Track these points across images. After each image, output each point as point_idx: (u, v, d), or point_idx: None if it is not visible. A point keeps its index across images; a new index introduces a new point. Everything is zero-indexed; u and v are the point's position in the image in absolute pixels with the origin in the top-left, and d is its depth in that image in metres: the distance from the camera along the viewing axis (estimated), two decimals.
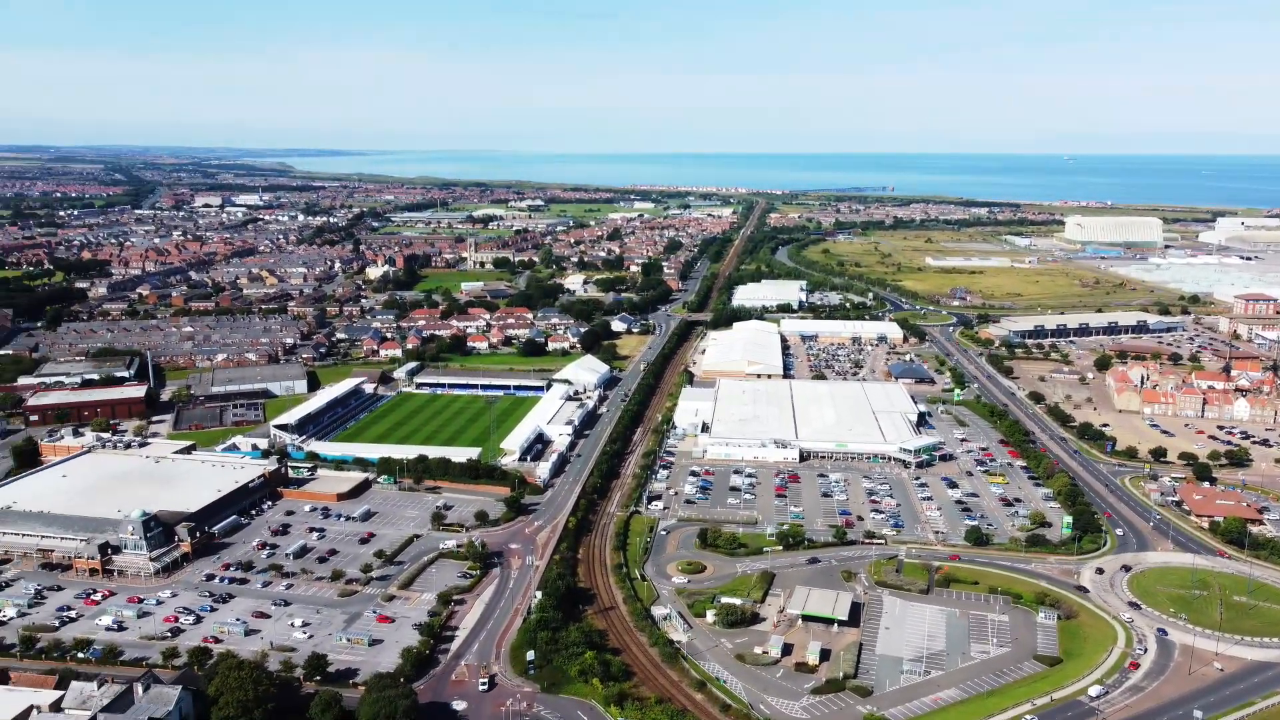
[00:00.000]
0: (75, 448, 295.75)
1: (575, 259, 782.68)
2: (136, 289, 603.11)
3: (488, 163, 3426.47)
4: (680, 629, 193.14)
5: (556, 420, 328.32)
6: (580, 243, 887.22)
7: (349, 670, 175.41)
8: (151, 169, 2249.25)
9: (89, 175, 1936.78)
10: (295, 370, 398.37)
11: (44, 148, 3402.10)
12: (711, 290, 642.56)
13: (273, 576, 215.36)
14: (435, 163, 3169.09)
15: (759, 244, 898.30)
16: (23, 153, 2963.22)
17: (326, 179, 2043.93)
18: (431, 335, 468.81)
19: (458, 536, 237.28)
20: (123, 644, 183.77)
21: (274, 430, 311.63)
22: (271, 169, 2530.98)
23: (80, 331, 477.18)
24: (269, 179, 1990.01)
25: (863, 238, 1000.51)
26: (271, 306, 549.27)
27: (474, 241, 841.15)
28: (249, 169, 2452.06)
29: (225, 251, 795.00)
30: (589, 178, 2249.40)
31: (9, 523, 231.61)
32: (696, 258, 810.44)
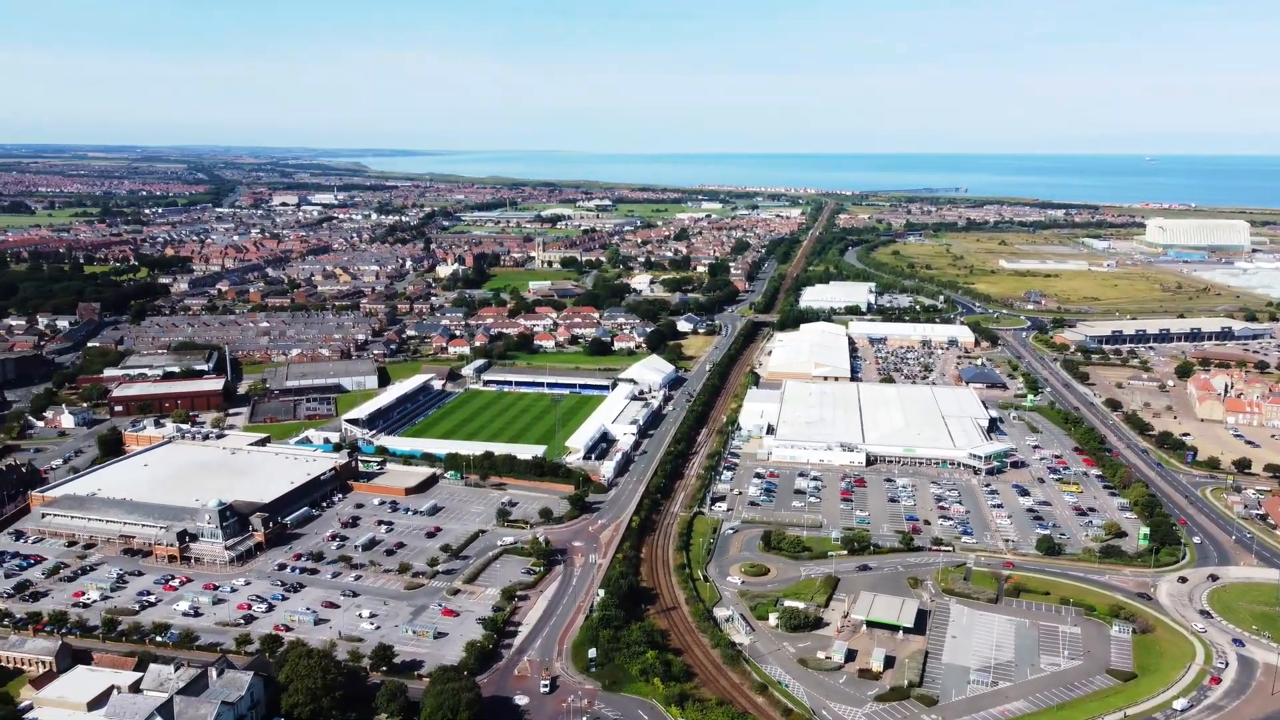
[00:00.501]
0: (156, 438, 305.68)
1: (642, 259, 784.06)
2: (216, 285, 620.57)
3: (556, 163, 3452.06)
4: (742, 631, 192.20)
5: (621, 419, 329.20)
6: (647, 243, 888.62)
7: (414, 662, 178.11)
8: (232, 168, 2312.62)
9: (173, 174, 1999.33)
10: (366, 366, 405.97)
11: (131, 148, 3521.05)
12: (779, 291, 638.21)
13: (342, 568, 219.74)
14: (504, 163, 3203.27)
15: (827, 245, 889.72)
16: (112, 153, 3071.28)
17: (399, 179, 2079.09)
18: (499, 333, 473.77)
19: (522, 533, 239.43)
20: (198, 629, 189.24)
21: (345, 424, 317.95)
22: (346, 169, 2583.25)
23: (163, 326, 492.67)
24: (344, 178, 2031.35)
25: (934, 239, 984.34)
26: (345, 303, 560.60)
27: (542, 241, 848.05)
28: (325, 169, 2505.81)
29: (301, 249, 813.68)
30: (657, 178, 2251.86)
31: (94, 509, 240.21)
32: (764, 258, 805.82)
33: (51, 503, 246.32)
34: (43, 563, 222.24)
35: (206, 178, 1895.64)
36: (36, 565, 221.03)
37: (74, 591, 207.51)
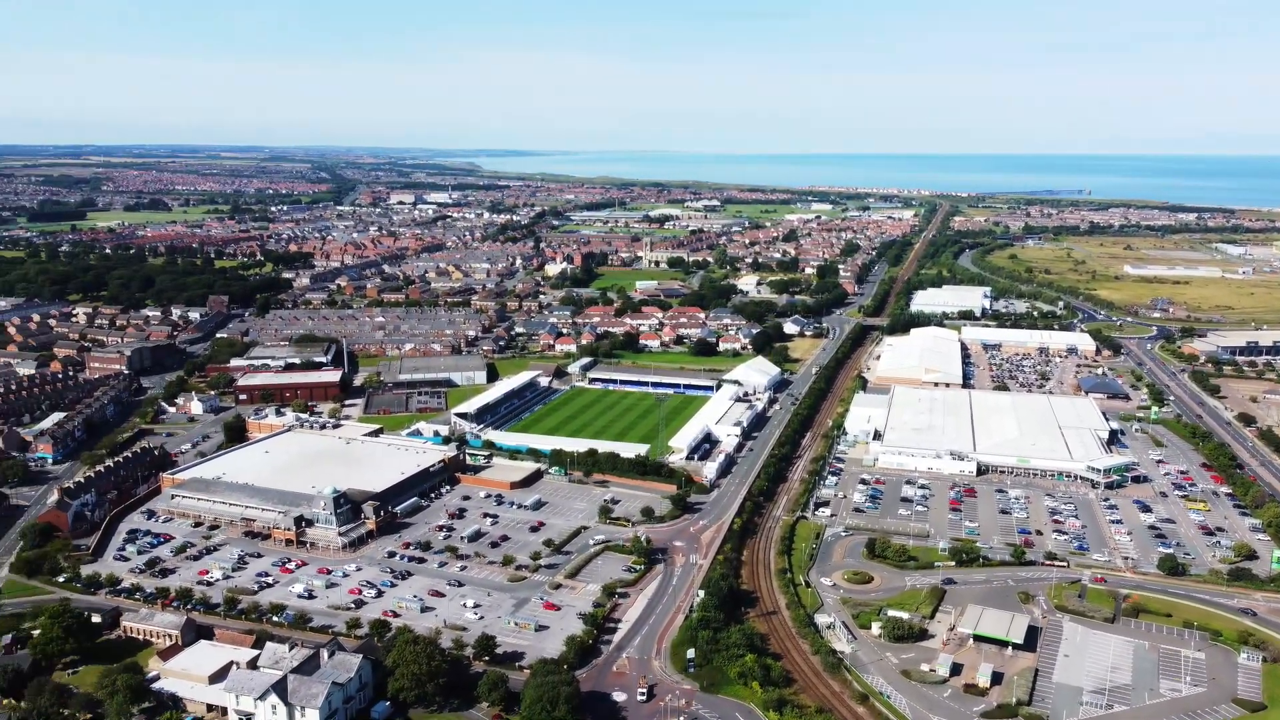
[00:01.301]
0: (277, 426, 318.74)
1: (749, 260, 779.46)
2: (336, 280, 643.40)
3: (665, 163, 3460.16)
4: (844, 639, 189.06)
5: (725, 420, 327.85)
6: (755, 244, 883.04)
7: (515, 653, 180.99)
8: (353, 168, 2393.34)
9: (298, 174, 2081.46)
10: (476, 361, 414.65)
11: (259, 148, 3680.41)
12: (889, 294, 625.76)
13: (448, 558, 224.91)
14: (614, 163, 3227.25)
15: (941, 248, 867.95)
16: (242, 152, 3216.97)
17: (511, 178, 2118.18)
18: (605, 332, 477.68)
19: (623, 531, 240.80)
20: (312, 611, 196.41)
21: (454, 418, 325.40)
22: (461, 168, 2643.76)
23: (285, 319, 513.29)
24: (458, 178, 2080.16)
25: (1054, 243, 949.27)
26: (456, 300, 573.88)
27: (649, 241, 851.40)
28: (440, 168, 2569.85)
29: (416, 247, 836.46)
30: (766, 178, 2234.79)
31: (219, 492, 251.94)
32: (874, 261, 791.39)
33: (180, 485, 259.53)
34: (171, 541, 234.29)
35: (329, 177, 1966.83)
36: (166, 543, 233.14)
37: (199, 570, 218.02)
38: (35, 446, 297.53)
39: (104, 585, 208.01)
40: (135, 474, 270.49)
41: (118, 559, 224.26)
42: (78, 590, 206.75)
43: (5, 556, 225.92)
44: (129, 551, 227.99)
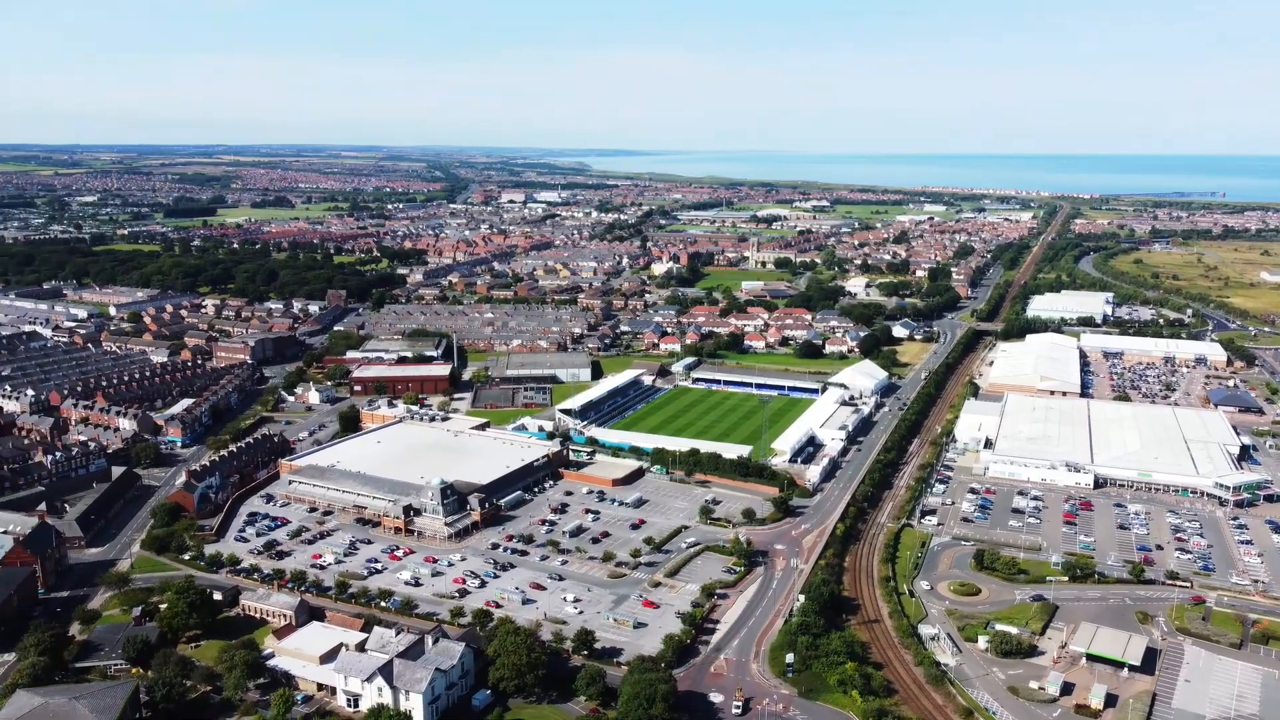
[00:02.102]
0: (389, 417, 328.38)
1: (858, 261, 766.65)
2: (448, 277, 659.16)
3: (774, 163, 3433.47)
4: (949, 651, 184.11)
5: (830, 424, 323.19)
6: (864, 245, 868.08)
7: (613, 649, 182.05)
8: (466, 167, 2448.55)
9: (413, 173, 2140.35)
10: (581, 359, 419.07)
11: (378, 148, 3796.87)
12: (1004, 299, 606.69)
13: (550, 552, 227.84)
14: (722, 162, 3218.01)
15: (1060, 251, 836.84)
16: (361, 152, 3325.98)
17: (620, 178, 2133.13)
18: (710, 332, 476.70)
19: (724, 531, 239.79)
20: (418, 598, 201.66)
21: (559, 414, 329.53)
22: (571, 168, 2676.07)
23: (399, 313, 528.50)
24: (567, 177, 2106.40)
25: (1183, 247, 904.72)
26: (563, 298, 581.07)
27: (756, 241, 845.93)
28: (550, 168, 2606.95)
29: (525, 245, 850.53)
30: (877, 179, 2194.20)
31: (333, 480, 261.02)
32: (989, 264, 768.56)
33: (297, 471, 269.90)
34: (288, 525, 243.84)
35: (443, 176, 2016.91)
36: (283, 527, 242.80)
37: (313, 554, 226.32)
38: (166, 430, 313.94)
39: (225, 564, 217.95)
40: (256, 459, 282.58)
41: (238, 540, 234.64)
42: (201, 568, 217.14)
43: (138, 533, 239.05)
44: (249, 533, 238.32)
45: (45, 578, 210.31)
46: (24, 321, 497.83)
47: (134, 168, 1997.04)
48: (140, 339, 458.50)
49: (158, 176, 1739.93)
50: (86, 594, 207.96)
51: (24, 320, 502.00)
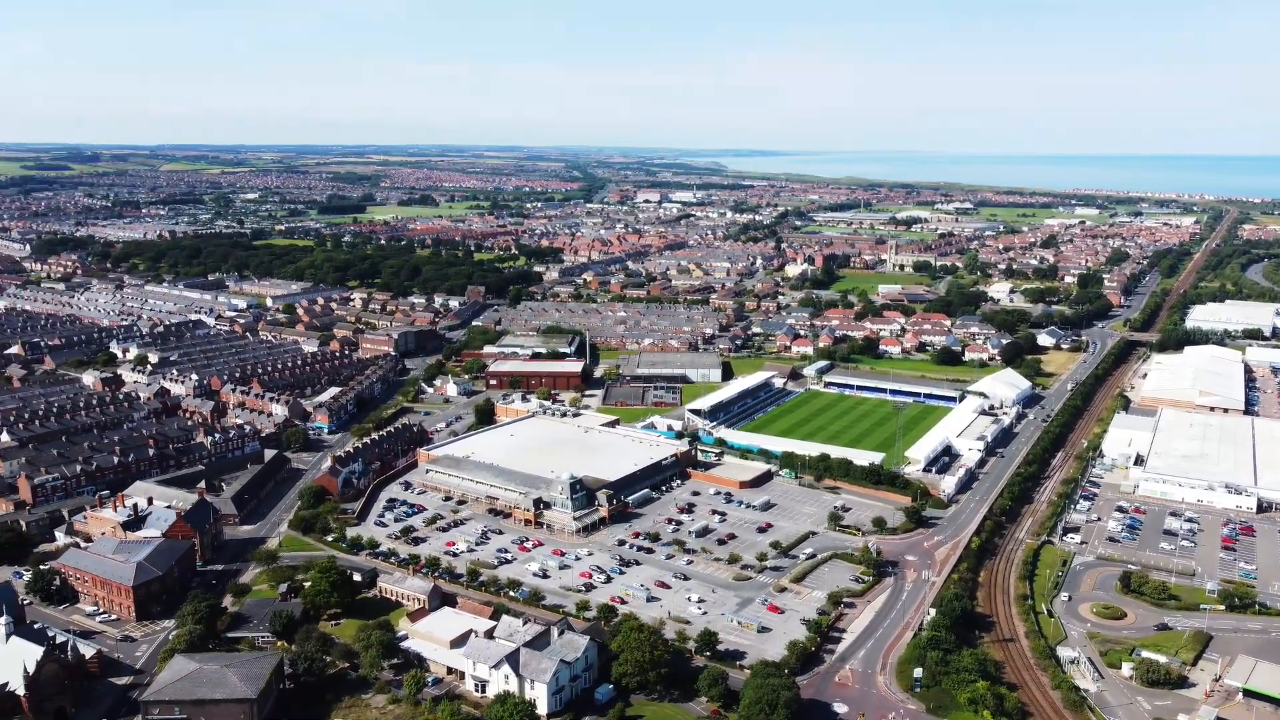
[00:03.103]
0: (522, 411, 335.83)
1: (1002, 266, 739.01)
2: (582, 275, 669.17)
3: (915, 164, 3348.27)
4: (1089, 676, 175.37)
5: (967, 434, 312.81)
6: (1009, 249, 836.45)
7: (736, 652, 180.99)
8: (603, 167, 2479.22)
9: (552, 172, 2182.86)
10: (712, 359, 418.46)
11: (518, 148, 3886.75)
12: (1160, 308, 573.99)
13: (675, 551, 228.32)
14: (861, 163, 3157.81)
15: (1225, 258, 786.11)
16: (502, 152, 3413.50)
17: (755, 178, 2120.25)
18: (844, 335, 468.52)
19: (853, 539, 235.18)
20: (545, 590, 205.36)
21: (688, 414, 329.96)
22: (706, 168, 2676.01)
23: (534, 310, 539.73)
24: (703, 177, 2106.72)
25: None
26: (696, 298, 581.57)
27: (895, 244, 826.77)
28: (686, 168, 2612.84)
29: (659, 244, 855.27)
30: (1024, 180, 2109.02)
31: (468, 470, 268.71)
32: (1145, 271, 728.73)
33: (434, 461, 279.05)
34: (424, 512, 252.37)
35: (580, 176, 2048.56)
36: (419, 514, 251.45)
37: (447, 541, 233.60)
38: (314, 417, 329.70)
39: (365, 547, 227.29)
40: (396, 448, 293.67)
41: (377, 524, 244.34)
42: (343, 550, 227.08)
43: (286, 514, 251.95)
44: (387, 519, 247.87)
45: (203, 551, 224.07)
46: (190, 311, 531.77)
47: (292, 167, 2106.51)
48: (293, 329, 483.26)
49: (313, 175, 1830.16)
50: (239, 569, 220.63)
51: (191, 309, 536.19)
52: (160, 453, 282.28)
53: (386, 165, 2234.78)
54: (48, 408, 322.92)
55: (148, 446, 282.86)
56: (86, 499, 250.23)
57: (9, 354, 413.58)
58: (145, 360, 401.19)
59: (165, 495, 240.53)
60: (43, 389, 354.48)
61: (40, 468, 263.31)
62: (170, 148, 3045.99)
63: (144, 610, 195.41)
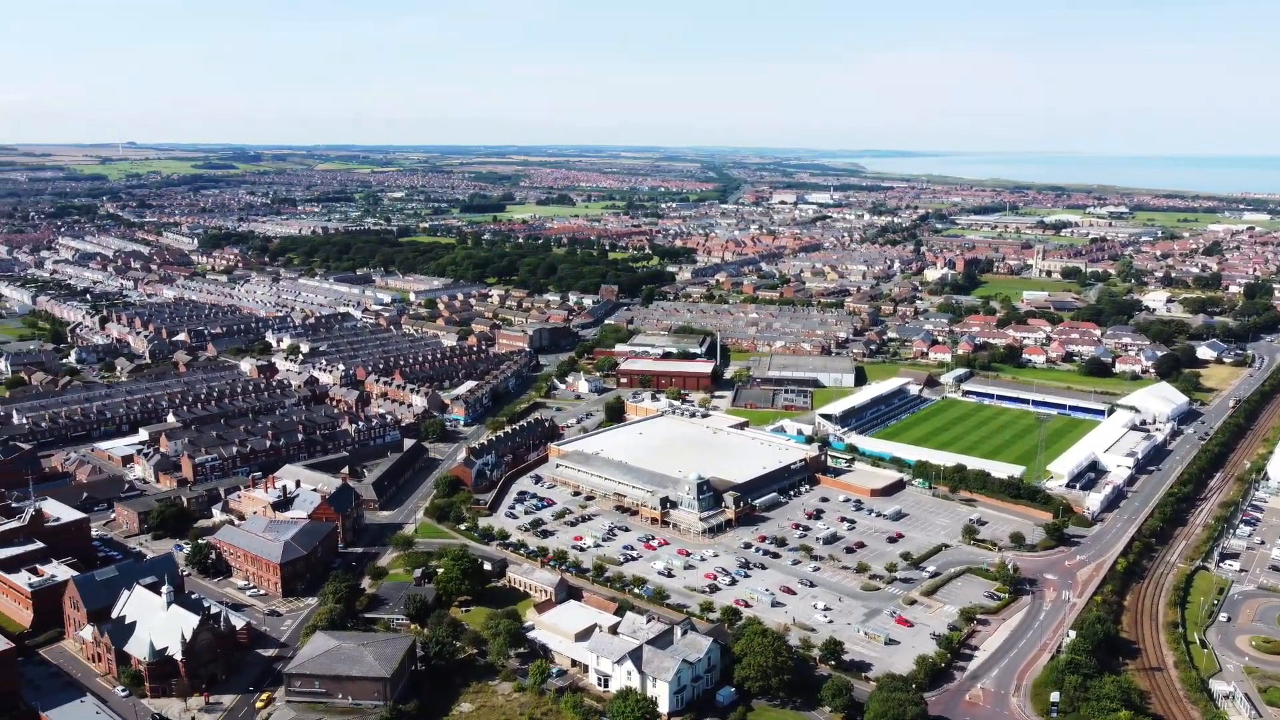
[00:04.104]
0: (652, 410, 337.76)
1: (1159, 274, 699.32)
2: (715, 275, 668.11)
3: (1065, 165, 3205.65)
4: (1245, 713, 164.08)
5: (1115, 450, 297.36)
6: (1167, 256, 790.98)
7: (862, 663, 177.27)
8: (739, 168, 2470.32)
9: (687, 173, 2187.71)
10: (845, 364, 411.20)
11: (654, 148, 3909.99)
12: None
13: (802, 556, 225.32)
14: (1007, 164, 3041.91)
15: None
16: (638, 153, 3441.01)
17: (895, 180, 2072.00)
18: (984, 343, 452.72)
19: (988, 554, 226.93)
20: (669, 589, 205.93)
21: (819, 418, 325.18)
22: (844, 169, 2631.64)
23: (666, 310, 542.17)
24: (840, 178, 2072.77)
25: None
26: (830, 301, 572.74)
27: (1042, 248, 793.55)
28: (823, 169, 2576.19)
29: (794, 246, 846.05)
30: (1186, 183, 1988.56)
31: (597, 467, 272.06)
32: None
33: (564, 456, 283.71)
34: (553, 506, 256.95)
35: (716, 176, 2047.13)
36: (548, 507, 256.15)
37: (574, 535, 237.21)
38: (451, 409, 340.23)
39: (495, 538, 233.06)
40: (528, 442, 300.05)
41: (508, 516, 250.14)
42: (474, 539, 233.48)
43: (422, 501, 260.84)
44: (518, 511, 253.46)
45: (344, 534, 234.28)
46: (339, 304, 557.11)
47: (437, 167, 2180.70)
48: (434, 324, 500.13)
49: (456, 175, 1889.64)
50: (377, 552, 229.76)
51: (339, 303, 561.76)
52: (308, 438, 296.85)
53: (526, 165, 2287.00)
54: (209, 392, 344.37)
55: (297, 432, 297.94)
56: (241, 479, 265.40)
57: (177, 341, 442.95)
58: (297, 350, 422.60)
59: (312, 479, 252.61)
60: (205, 374, 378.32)
61: (201, 448, 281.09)
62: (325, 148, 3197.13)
63: (289, 587, 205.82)
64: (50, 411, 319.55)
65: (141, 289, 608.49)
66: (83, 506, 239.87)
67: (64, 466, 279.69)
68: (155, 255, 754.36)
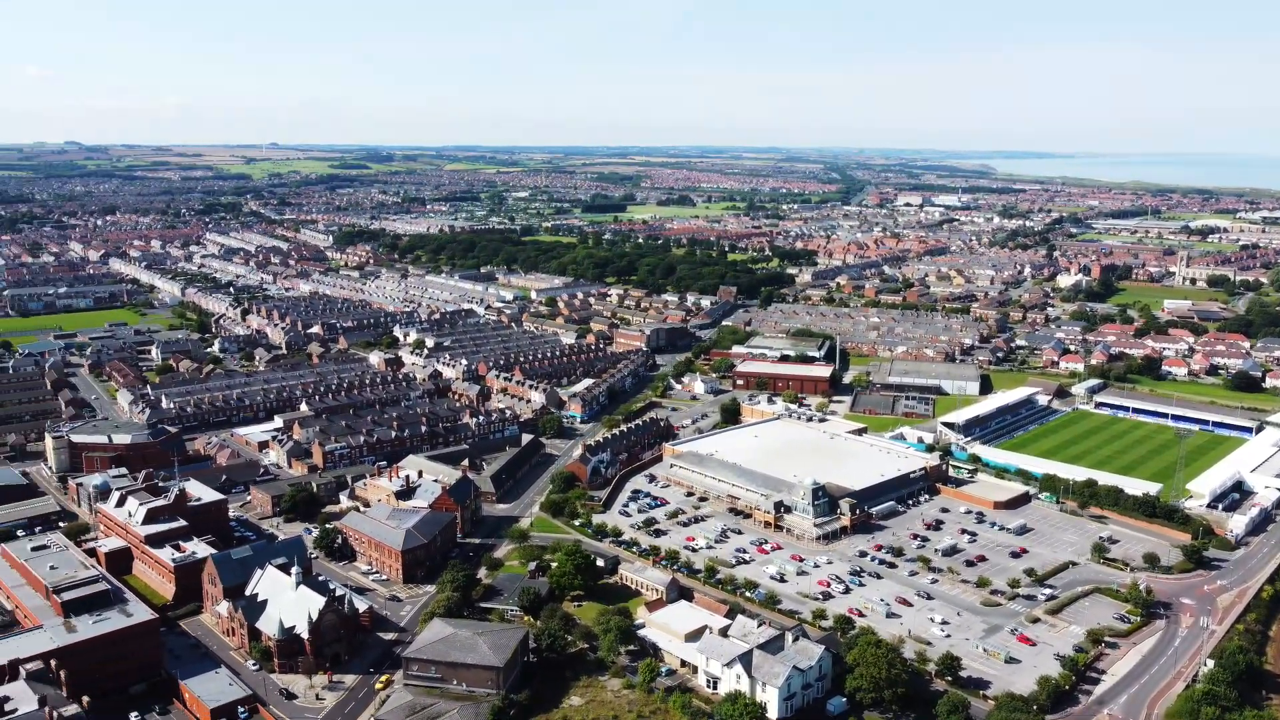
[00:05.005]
0: (768, 413, 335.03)
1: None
2: (836, 278, 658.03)
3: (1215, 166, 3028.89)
4: None
5: (1264, 469, 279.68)
6: None
7: (980, 680, 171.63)
8: (863, 169, 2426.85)
9: (809, 174, 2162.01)
10: (969, 371, 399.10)
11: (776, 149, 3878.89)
12: None
13: (919, 568, 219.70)
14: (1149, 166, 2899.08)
15: None
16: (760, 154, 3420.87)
17: (1027, 182, 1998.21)
18: (1120, 353, 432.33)
19: (1119, 575, 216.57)
20: (781, 594, 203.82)
21: (940, 427, 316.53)
22: (973, 170, 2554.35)
23: (785, 312, 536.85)
24: (969, 180, 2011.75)
25: None
26: (955, 306, 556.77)
27: (1186, 255, 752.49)
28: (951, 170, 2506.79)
29: (919, 249, 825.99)
30: None
31: (711, 468, 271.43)
32: None
33: (678, 456, 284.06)
34: (666, 505, 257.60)
35: (839, 177, 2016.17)
36: (661, 507, 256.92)
37: (686, 536, 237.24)
38: (568, 406, 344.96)
39: (608, 535, 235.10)
40: (643, 441, 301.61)
41: (621, 514, 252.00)
42: (588, 535, 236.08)
43: (538, 496, 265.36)
44: (631, 509, 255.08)
45: (463, 524, 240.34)
46: (463, 301, 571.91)
47: (560, 167, 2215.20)
48: (553, 321, 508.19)
49: (579, 175, 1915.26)
50: (493, 544, 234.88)
51: (463, 299, 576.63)
52: (431, 430, 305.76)
53: (647, 166, 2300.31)
54: (339, 383, 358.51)
55: (421, 424, 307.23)
56: (367, 467, 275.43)
57: (311, 333, 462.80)
58: (422, 344, 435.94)
59: (433, 470, 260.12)
60: (336, 366, 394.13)
61: (331, 436, 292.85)
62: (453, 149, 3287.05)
63: (409, 574, 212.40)
64: (195, 397, 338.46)
65: (280, 283, 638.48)
66: (221, 488, 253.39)
67: (206, 450, 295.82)
68: (293, 251, 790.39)
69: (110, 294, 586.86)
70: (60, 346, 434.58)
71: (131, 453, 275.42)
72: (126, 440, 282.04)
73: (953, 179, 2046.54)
